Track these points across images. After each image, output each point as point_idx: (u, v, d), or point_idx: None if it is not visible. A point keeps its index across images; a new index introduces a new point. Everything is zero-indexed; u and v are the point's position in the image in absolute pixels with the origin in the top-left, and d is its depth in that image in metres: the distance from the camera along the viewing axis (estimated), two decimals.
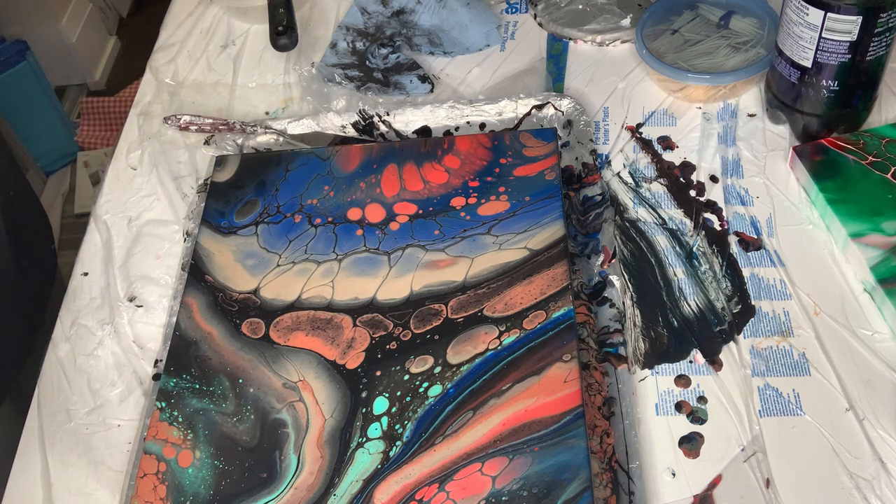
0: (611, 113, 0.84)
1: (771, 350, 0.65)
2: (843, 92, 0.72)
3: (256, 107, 0.92)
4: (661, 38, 0.85)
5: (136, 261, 0.80)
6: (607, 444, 0.60)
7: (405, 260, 0.72)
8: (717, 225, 0.73)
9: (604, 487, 0.58)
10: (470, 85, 0.90)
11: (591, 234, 0.73)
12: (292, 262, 0.74)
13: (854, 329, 0.65)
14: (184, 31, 1.03)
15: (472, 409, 0.62)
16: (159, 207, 0.84)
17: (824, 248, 0.70)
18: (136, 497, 0.62)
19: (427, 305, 0.69)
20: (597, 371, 0.64)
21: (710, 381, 0.64)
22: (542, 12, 0.94)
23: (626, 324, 0.68)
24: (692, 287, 0.69)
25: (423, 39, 0.94)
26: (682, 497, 0.59)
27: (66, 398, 0.71)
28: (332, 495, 0.60)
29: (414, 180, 0.78)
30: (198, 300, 0.72)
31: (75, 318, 0.76)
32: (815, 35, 0.69)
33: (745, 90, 0.83)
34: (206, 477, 0.62)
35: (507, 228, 0.72)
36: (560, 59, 0.90)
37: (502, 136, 0.80)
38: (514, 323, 0.66)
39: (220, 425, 0.65)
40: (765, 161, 0.77)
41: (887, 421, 0.60)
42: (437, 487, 0.59)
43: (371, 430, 0.62)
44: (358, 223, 0.76)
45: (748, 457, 0.60)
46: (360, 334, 0.68)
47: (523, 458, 0.59)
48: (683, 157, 0.79)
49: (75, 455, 0.67)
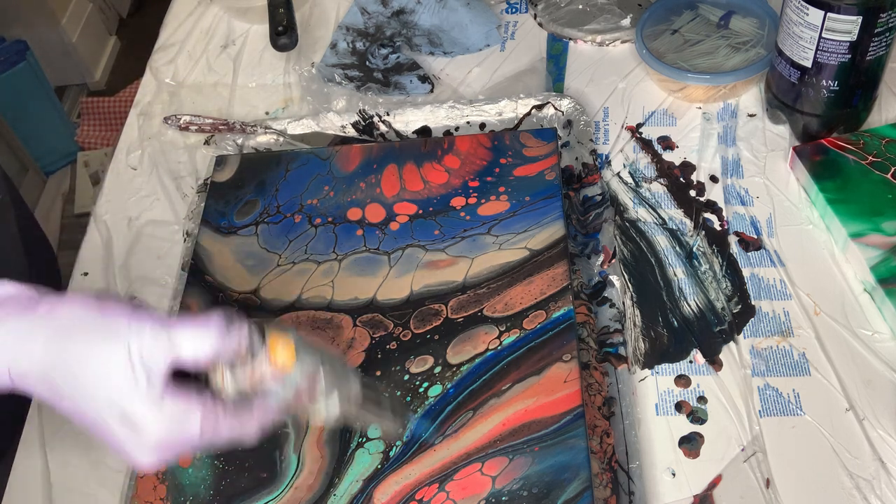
0: (611, 113, 0.84)
1: (771, 350, 0.65)
2: (843, 92, 0.72)
3: (256, 107, 0.92)
4: (661, 38, 0.85)
5: (136, 261, 0.80)
6: (607, 444, 0.60)
7: (405, 260, 0.72)
8: (717, 225, 0.73)
9: (604, 487, 0.58)
10: (470, 85, 0.90)
11: (591, 234, 0.73)
12: (292, 262, 0.74)
13: (854, 329, 0.65)
14: (184, 31, 1.03)
15: (472, 409, 0.62)
16: (159, 207, 0.84)
17: (824, 248, 0.70)
18: (136, 497, 0.62)
19: (427, 305, 0.69)
20: (597, 371, 0.64)
21: (710, 381, 0.64)
22: (542, 12, 0.94)
23: (626, 324, 0.68)
24: (692, 287, 0.69)
25: (423, 39, 0.94)
26: (682, 497, 0.59)
27: None
28: (332, 495, 0.60)
29: (414, 180, 0.78)
30: (198, 300, 0.72)
31: None
32: (815, 35, 0.69)
33: (745, 90, 0.83)
34: (206, 477, 0.62)
35: (507, 228, 0.72)
36: (560, 59, 0.90)
37: (502, 136, 0.80)
38: (514, 323, 0.66)
39: None
40: (765, 161, 0.77)
41: (887, 421, 0.60)
42: (437, 487, 0.59)
43: (371, 430, 0.62)
44: (358, 223, 0.76)
45: (748, 457, 0.60)
46: (360, 334, 0.68)
47: (523, 458, 0.59)
48: (683, 157, 0.79)
49: (75, 455, 0.67)
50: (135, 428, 0.46)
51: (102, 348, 0.46)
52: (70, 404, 0.47)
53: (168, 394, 0.47)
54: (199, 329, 0.47)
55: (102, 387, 0.46)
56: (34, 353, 0.47)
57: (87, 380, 0.46)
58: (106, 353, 0.46)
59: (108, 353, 0.46)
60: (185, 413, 0.47)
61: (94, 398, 0.46)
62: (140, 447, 0.47)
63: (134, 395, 0.46)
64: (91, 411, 0.47)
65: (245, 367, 0.48)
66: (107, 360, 0.46)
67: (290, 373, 0.48)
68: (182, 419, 0.47)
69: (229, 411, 0.48)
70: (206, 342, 0.47)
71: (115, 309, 0.48)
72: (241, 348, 0.48)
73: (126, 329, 0.47)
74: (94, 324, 0.47)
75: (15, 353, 0.47)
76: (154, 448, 0.47)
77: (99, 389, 0.46)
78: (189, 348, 0.47)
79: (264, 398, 0.49)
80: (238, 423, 0.49)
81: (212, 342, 0.47)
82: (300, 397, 0.49)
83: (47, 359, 0.46)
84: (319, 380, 0.49)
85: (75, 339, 0.47)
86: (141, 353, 0.46)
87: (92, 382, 0.46)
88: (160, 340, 0.47)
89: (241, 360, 0.47)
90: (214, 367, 0.48)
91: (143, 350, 0.46)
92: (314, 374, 0.49)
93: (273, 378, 0.48)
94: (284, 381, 0.48)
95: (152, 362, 0.46)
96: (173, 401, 0.47)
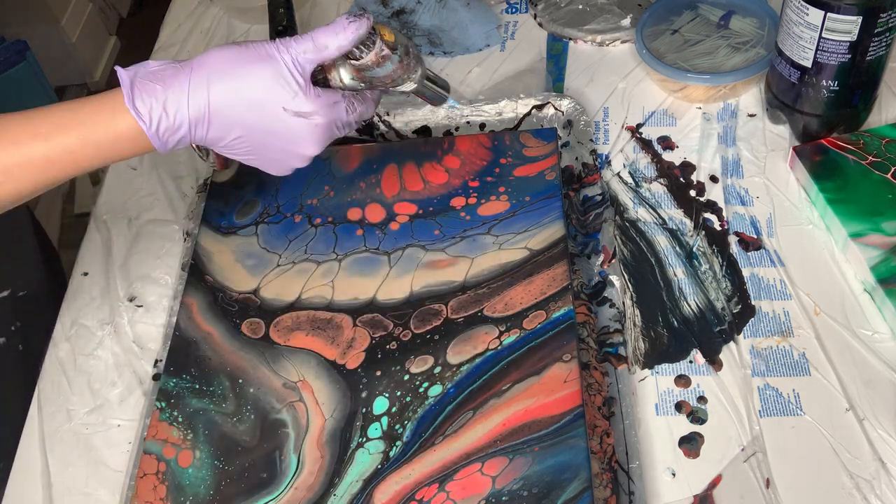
0: (611, 113, 0.84)
1: (771, 350, 0.65)
2: (843, 92, 0.72)
3: None
4: (661, 38, 0.85)
5: (136, 261, 0.80)
6: (607, 444, 0.60)
7: (405, 260, 0.72)
8: (717, 225, 0.73)
9: (604, 487, 0.58)
10: (470, 85, 0.90)
11: (591, 234, 0.73)
12: (292, 262, 0.74)
13: (854, 329, 0.65)
14: (184, 31, 1.03)
15: (472, 409, 0.62)
16: (159, 207, 0.84)
17: (824, 248, 0.70)
18: (136, 497, 0.62)
19: (427, 305, 0.69)
20: (597, 371, 0.64)
21: (710, 381, 0.64)
22: (542, 12, 0.94)
23: (626, 324, 0.68)
24: (692, 287, 0.69)
25: (423, 39, 0.94)
26: (682, 497, 0.59)
27: (67, 398, 0.71)
28: (332, 495, 0.60)
29: (414, 180, 0.78)
30: (198, 300, 0.72)
31: (75, 318, 0.76)
32: (815, 35, 0.69)
33: (745, 90, 0.83)
34: (206, 477, 0.62)
35: (507, 228, 0.72)
36: (560, 59, 0.90)
37: (502, 136, 0.80)
38: (514, 323, 0.66)
39: (220, 425, 0.65)
40: (765, 161, 0.77)
41: (887, 421, 0.60)
42: (437, 487, 0.59)
43: (371, 430, 0.62)
44: (358, 223, 0.76)
45: (748, 457, 0.60)
46: (360, 334, 0.68)
47: (523, 458, 0.59)
48: (683, 157, 0.79)
49: (75, 455, 0.67)
50: (308, 116, 0.58)
51: (262, 68, 0.56)
52: (240, 130, 0.58)
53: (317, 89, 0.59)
54: (334, 28, 0.58)
55: (271, 99, 0.57)
56: (200, 99, 0.55)
57: (254, 97, 0.56)
58: (266, 71, 0.57)
59: (268, 71, 0.57)
60: (334, 101, 0.60)
61: (264, 112, 0.57)
62: (311, 134, 0.59)
63: (299, 94, 0.57)
64: (263, 125, 0.58)
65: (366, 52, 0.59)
66: (269, 76, 0.57)
67: (395, 48, 0.61)
68: (334, 105, 0.60)
69: (356, 98, 0.62)
70: (343, 35, 0.58)
71: (252, 43, 0.58)
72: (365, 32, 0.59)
73: (275, 49, 0.57)
74: (244, 56, 0.57)
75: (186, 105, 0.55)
76: (322, 130, 0.59)
77: (268, 102, 0.57)
78: (333, 44, 0.58)
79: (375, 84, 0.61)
80: (362, 105, 0.62)
81: (347, 34, 0.58)
82: (398, 71, 0.61)
83: (215, 98, 0.56)
84: (413, 53, 0.62)
85: (234, 74, 0.56)
86: (295, 61, 0.57)
87: (260, 98, 0.57)
88: (307, 47, 0.57)
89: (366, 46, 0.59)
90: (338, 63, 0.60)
91: (298, 58, 0.57)
92: (406, 54, 0.62)
93: (384, 58, 0.60)
94: (392, 56, 0.60)
95: (305, 67, 0.58)
96: (325, 93, 0.59)
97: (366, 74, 0.60)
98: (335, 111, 0.60)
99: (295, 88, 0.57)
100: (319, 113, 0.59)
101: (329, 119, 0.59)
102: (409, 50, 0.62)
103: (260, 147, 0.59)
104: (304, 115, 0.58)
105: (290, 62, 0.57)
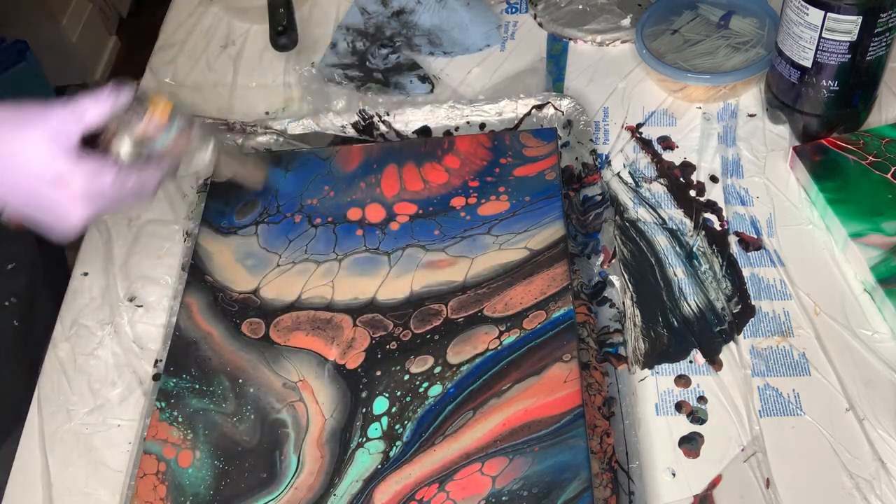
0: (611, 113, 0.84)
1: (771, 350, 0.65)
2: (843, 92, 0.72)
3: (256, 107, 0.92)
4: (661, 38, 0.85)
5: (136, 261, 0.80)
6: (607, 444, 0.60)
7: (405, 260, 0.72)
8: (717, 225, 0.73)
9: (604, 487, 0.58)
10: (470, 85, 0.90)
11: (591, 234, 0.73)
12: (292, 262, 0.74)
13: (854, 329, 0.65)
14: (184, 32, 1.03)
15: (473, 409, 0.62)
16: (159, 207, 0.84)
17: (824, 248, 0.70)
18: (136, 497, 0.62)
19: (427, 305, 0.69)
20: (597, 371, 0.64)
21: (710, 381, 0.64)
22: (542, 12, 0.94)
23: (626, 324, 0.68)
24: (692, 287, 0.69)
25: (423, 39, 0.94)
26: (682, 497, 0.59)
27: (67, 398, 0.71)
28: (332, 495, 0.60)
29: (414, 180, 0.78)
30: (198, 300, 0.72)
31: (75, 318, 0.76)
32: (815, 35, 0.69)
33: (745, 90, 0.83)
34: (206, 477, 0.62)
35: (507, 228, 0.72)
36: (560, 59, 0.90)
37: (502, 136, 0.80)
38: (514, 323, 0.66)
39: (220, 425, 0.65)
40: (765, 161, 0.77)
41: (887, 421, 0.60)
42: (437, 487, 0.59)
43: (371, 430, 0.62)
44: (358, 223, 0.76)
45: (748, 457, 0.60)
46: (360, 334, 0.68)
47: (523, 458, 0.59)
48: (683, 157, 0.79)
49: (75, 455, 0.67)
50: (63, 183, 0.58)
51: (25, 134, 0.58)
52: (3, 189, 0.58)
53: (83, 155, 0.59)
54: (96, 96, 0.60)
55: (31, 162, 0.58)
56: None
57: (16, 161, 0.57)
58: (28, 136, 0.58)
59: (30, 135, 0.58)
60: (99, 167, 0.59)
61: (25, 174, 0.58)
62: (70, 201, 0.58)
63: (58, 159, 0.58)
64: (24, 186, 0.58)
65: (134, 126, 0.60)
66: (30, 141, 0.58)
67: (169, 124, 0.61)
68: (98, 173, 0.59)
69: (132, 169, 0.61)
70: (103, 104, 0.59)
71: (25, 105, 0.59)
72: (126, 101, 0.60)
73: (40, 114, 0.58)
74: (12, 120, 0.58)
75: None
76: (80, 199, 0.58)
77: (29, 166, 0.58)
78: (93, 112, 0.59)
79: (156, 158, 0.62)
80: (139, 178, 0.61)
81: (105, 103, 0.59)
82: (179, 144, 0.62)
83: None
84: (195, 128, 0.63)
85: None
86: (57, 128, 0.58)
87: (21, 162, 0.58)
88: (69, 114, 0.59)
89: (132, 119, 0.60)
90: (114, 135, 0.60)
91: (59, 125, 0.58)
92: (189, 126, 0.62)
93: (156, 129, 0.61)
94: (165, 131, 0.61)
95: (67, 133, 0.58)
96: (89, 158, 0.59)
97: (145, 146, 0.61)
98: (98, 178, 0.59)
99: (53, 154, 0.58)
100: (79, 174, 0.58)
101: (89, 186, 0.58)
102: (192, 123, 0.62)
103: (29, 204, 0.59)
104: (61, 179, 0.58)
105: (52, 128, 0.58)
